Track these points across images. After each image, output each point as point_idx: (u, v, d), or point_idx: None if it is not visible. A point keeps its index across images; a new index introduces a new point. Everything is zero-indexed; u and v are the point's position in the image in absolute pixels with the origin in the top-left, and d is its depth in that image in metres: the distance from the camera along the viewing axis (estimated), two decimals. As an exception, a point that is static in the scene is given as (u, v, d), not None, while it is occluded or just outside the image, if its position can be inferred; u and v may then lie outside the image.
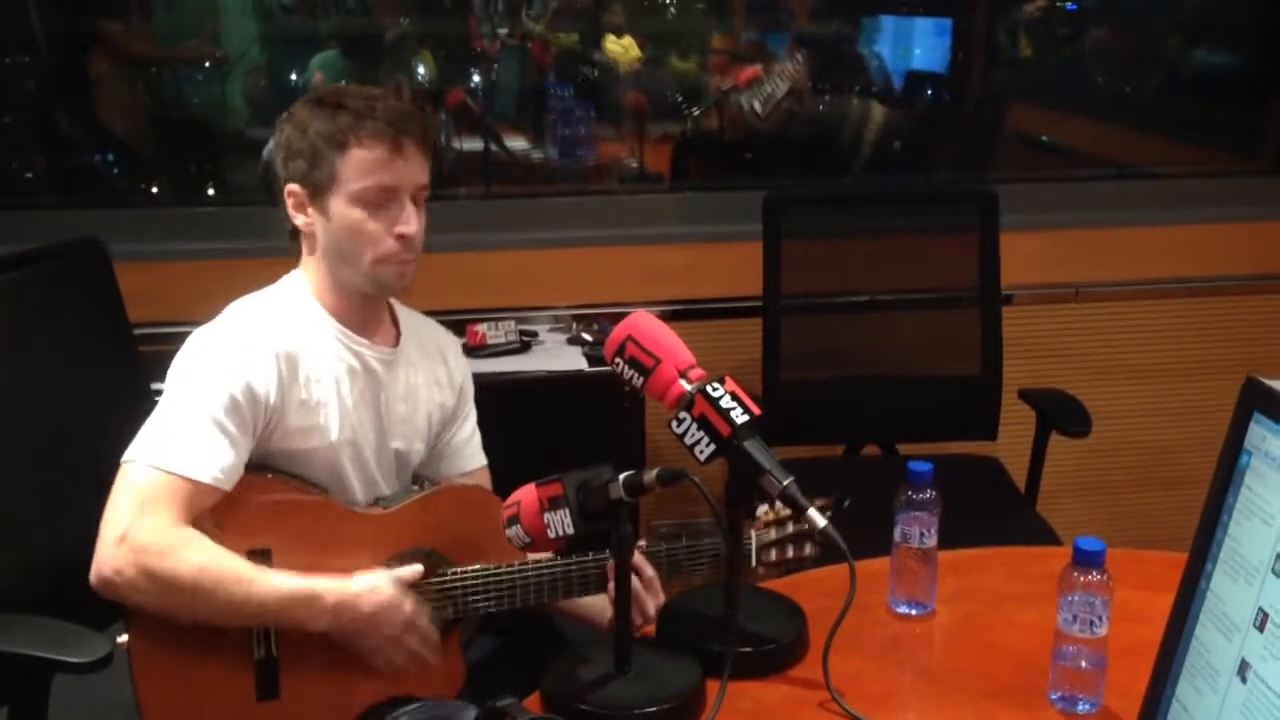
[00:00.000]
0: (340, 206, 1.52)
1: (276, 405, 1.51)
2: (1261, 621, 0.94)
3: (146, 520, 1.41)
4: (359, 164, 1.50)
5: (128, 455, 1.47)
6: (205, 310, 1.63)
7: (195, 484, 1.44)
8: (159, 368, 2.05)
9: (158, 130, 3.14)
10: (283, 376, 1.51)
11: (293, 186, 1.55)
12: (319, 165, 1.51)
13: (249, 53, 3.09)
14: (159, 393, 2.02)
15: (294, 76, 3.10)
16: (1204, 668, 1.01)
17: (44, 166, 2.99)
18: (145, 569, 1.40)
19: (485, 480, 1.77)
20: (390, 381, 1.64)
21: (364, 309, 1.62)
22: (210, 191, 3.12)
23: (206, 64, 3.09)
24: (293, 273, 1.62)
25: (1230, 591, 0.99)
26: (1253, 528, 0.97)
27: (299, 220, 1.56)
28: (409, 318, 1.71)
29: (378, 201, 1.52)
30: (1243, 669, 0.96)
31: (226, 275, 2.58)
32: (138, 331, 2.05)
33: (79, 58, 2.92)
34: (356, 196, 1.51)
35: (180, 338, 2.42)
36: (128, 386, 1.98)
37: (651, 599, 1.56)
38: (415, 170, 1.54)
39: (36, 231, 2.39)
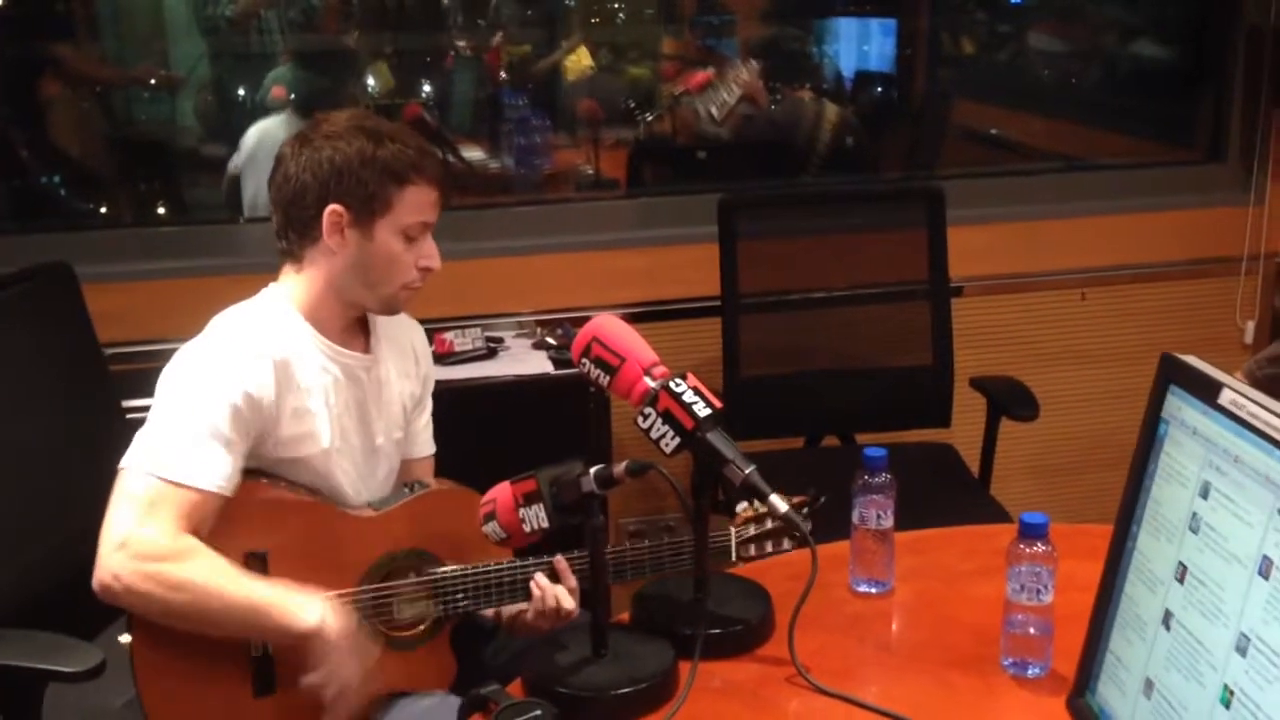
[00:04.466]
0: (386, 234, 1.58)
1: (272, 411, 1.54)
2: (1181, 574, 1.03)
3: (146, 527, 1.44)
4: (414, 200, 1.58)
5: (125, 461, 1.49)
6: (173, 328, 1.65)
7: (197, 492, 1.47)
8: (130, 386, 2.11)
9: (112, 151, 3.14)
10: (279, 381, 1.55)
11: (338, 207, 1.57)
12: (378, 194, 1.56)
13: (198, 70, 3.11)
14: (131, 410, 2.07)
15: (241, 92, 3.12)
16: (1133, 620, 1.09)
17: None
18: (144, 575, 1.43)
19: (429, 468, 1.83)
20: (368, 383, 1.68)
21: (350, 322, 1.67)
22: (162, 210, 3.12)
23: (152, 81, 3.09)
24: (270, 287, 1.65)
25: (1154, 549, 1.07)
26: (1172, 490, 1.06)
27: (332, 240, 1.58)
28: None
29: (415, 236, 1.60)
30: (1166, 618, 1.04)
31: (191, 293, 2.63)
32: (107, 351, 2.09)
33: (31, 81, 2.93)
34: (405, 229, 1.59)
35: (149, 356, 2.48)
36: (101, 405, 2.03)
37: (560, 620, 1.61)
38: (439, 212, 1.64)
39: (-1, 256, 2.41)
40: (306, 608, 1.47)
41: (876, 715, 1.32)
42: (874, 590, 1.61)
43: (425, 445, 1.83)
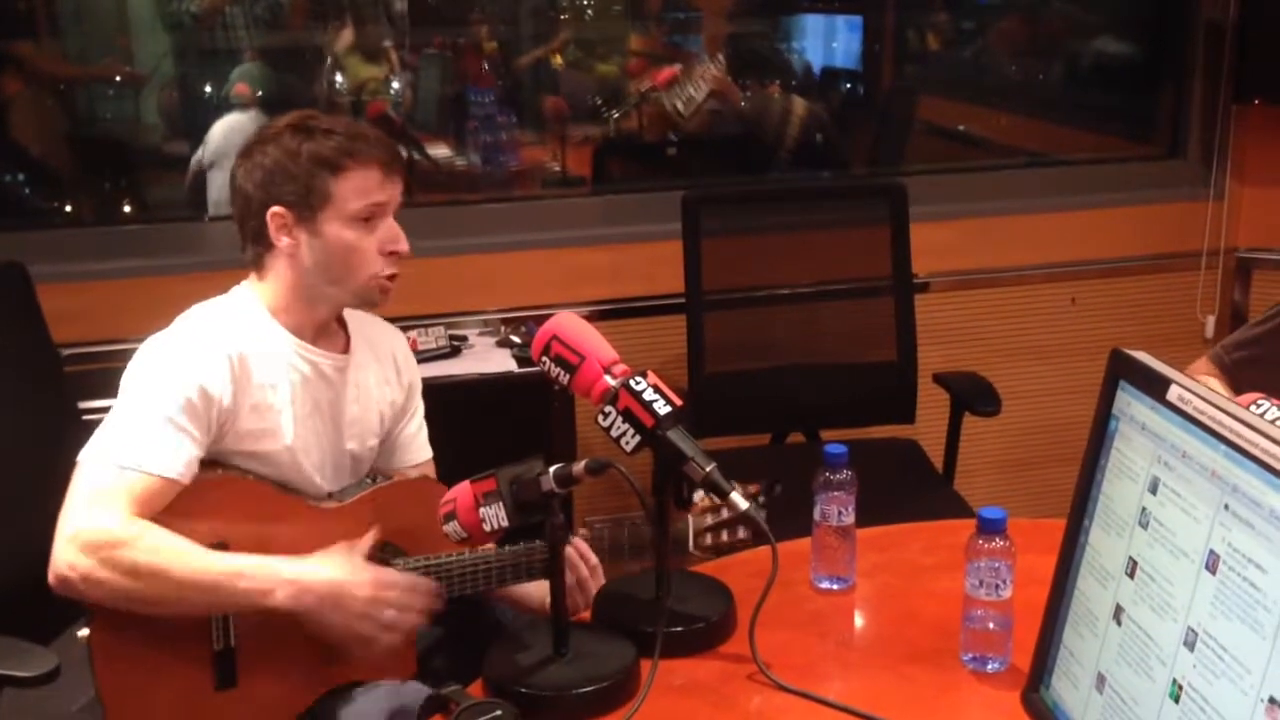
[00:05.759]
0: (334, 227, 1.58)
1: (230, 406, 1.54)
2: (1132, 569, 1.04)
3: (98, 515, 1.43)
4: (354, 185, 1.57)
5: (82, 455, 1.49)
6: (131, 328, 1.64)
7: (150, 476, 1.47)
8: (86, 387, 2.09)
9: (74, 150, 3.11)
10: (236, 377, 1.54)
11: (278, 209, 1.57)
12: (313, 187, 1.56)
13: (161, 68, 3.08)
14: (88, 411, 2.05)
15: (209, 89, 3.09)
16: (1085, 615, 1.10)
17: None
18: (100, 562, 1.42)
19: (430, 471, 1.82)
20: (342, 385, 1.68)
21: (325, 325, 1.66)
22: (128, 209, 3.10)
23: (116, 79, 3.07)
24: (241, 285, 1.65)
25: (1105, 544, 1.08)
26: (1122, 485, 1.07)
27: (282, 242, 1.58)
28: (355, 319, 1.74)
29: (369, 220, 1.59)
30: (1117, 613, 1.05)
31: (152, 293, 2.61)
32: (64, 352, 2.07)
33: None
34: (353, 216, 1.58)
35: (108, 356, 2.45)
36: (55, 406, 2.00)
37: (595, 584, 1.63)
38: (398, 190, 1.62)
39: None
40: (272, 578, 1.46)
41: (837, 711, 1.33)
42: (836, 586, 1.61)
43: (420, 451, 1.82)
